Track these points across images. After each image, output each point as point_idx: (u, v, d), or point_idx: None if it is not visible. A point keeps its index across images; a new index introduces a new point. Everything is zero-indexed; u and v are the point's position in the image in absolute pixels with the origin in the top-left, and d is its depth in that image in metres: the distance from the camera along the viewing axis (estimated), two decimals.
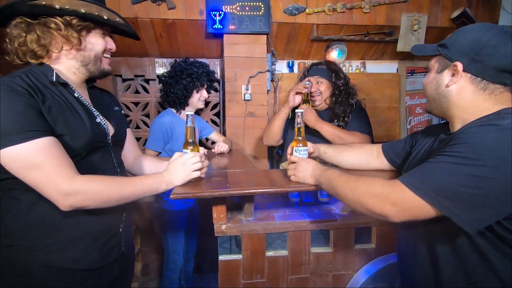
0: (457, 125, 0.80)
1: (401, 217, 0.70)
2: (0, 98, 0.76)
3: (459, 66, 0.75)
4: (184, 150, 1.05)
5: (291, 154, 1.08)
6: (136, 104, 2.65)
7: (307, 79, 1.70)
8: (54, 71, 0.89)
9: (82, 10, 0.88)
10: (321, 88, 1.68)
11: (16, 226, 0.86)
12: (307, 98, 1.64)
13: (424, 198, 0.66)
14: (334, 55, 2.48)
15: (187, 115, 1.05)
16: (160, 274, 2.61)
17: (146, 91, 2.65)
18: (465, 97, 0.77)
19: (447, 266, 0.76)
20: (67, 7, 0.86)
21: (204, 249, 2.49)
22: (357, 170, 1.17)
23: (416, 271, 0.85)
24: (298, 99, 1.64)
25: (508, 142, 0.62)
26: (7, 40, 0.87)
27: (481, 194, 0.62)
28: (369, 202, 0.73)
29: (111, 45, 1.01)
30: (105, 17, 0.93)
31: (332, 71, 1.69)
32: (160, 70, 2.56)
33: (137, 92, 2.65)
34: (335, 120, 1.65)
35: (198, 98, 1.95)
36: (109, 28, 1.00)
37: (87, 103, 0.97)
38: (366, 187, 0.75)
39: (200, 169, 1.03)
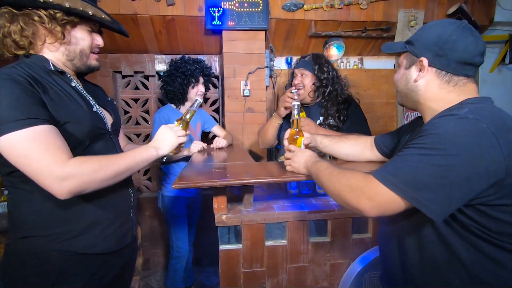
0: (427, 117, 0.83)
1: (376, 212, 0.71)
2: (0, 87, 0.76)
3: (425, 61, 0.79)
4: (174, 123, 1.10)
5: (290, 143, 1.12)
6: (136, 100, 2.67)
7: (293, 88, 1.63)
8: (50, 61, 0.90)
9: (67, 5, 0.87)
10: (305, 81, 1.66)
11: (33, 217, 0.87)
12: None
13: (395, 191, 0.68)
14: (333, 51, 2.50)
15: (196, 99, 1.18)
16: (161, 268, 2.65)
17: (146, 87, 2.67)
18: (432, 90, 0.80)
19: (411, 250, 0.80)
20: (51, 0, 0.85)
21: (203, 243, 2.53)
22: (353, 162, 1.21)
23: (388, 254, 0.90)
24: (288, 109, 1.63)
25: (466, 130, 0.66)
26: None
27: (446, 183, 0.65)
28: (347, 196, 0.75)
29: (99, 41, 1.01)
30: (90, 13, 0.92)
31: (316, 64, 1.66)
32: (160, 67, 2.58)
33: (136, 88, 2.67)
34: (330, 119, 1.64)
35: (195, 93, 1.99)
36: (97, 24, 0.99)
37: (84, 93, 0.98)
38: (345, 181, 0.77)
39: (184, 136, 1.06)
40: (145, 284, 2.46)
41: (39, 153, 0.77)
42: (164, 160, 1.31)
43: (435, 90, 0.80)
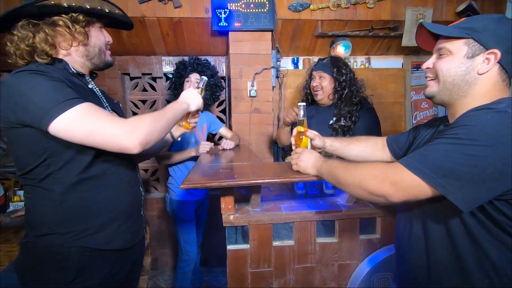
0: (459, 115, 0.80)
1: (400, 197, 0.71)
2: (35, 80, 0.80)
3: (499, 54, 0.73)
4: None
5: (296, 142, 1.12)
6: (144, 102, 2.70)
7: (303, 103, 1.65)
8: (69, 64, 0.94)
9: (87, 6, 0.91)
10: (323, 83, 1.70)
11: (51, 215, 0.89)
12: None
13: (421, 177, 0.68)
14: (340, 50, 2.49)
15: (202, 77, 1.29)
16: (169, 268, 2.68)
17: (154, 89, 2.70)
18: (487, 86, 0.76)
19: (439, 247, 0.78)
20: (73, 4, 0.89)
21: (211, 243, 2.54)
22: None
23: (411, 252, 0.87)
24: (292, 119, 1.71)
25: (503, 124, 0.64)
26: (8, 43, 0.89)
27: (476, 172, 0.63)
28: (369, 183, 0.74)
29: (109, 37, 1.05)
30: (107, 10, 0.97)
31: (334, 66, 1.70)
32: (167, 68, 2.60)
33: (144, 90, 2.70)
34: (342, 120, 1.66)
35: (188, 87, 1.96)
36: (107, 22, 1.03)
37: (100, 95, 1.03)
38: (367, 169, 0.76)
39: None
40: (154, 283, 2.48)
41: (101, 119, 0.82)
42: (179, 139, 1.35)
43: (489, 87, 0.76)
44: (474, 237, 0.72)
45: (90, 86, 1.00)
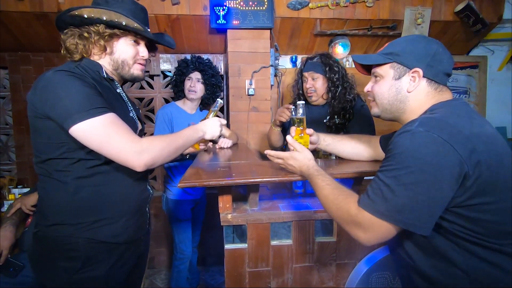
0: None
1: (373, 241, 0.74)
2: (71, 82, 0.88)
3: (421, 72, 0.81)
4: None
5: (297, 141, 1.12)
6: (141, 99, 2.68)
7: (289, 105, 1.65)
8: (103, 68, 1.02)
9: (104, 18, 0.97)
10: (317, 84, 1.65)
11: (63, 206, 0.94)
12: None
13: (383, 219, 0.71)
14: (339, 50, 2.48)
15: (217, 100, 1.35)
16: (165, 267, 2.66)
17: (151, 86, 2.68)
18: (420, 99, 0.83)
19: (417, 267, 0.81)
20: (92, 15, 0.96)
21: (208, 243, 2.53)
22: (356, 161, 1.22)
23: (398, 270, 0.93)
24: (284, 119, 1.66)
25: (420, 144, 0.69)
26: (61, 42, 1.01)
27: (423, 199, 0.68)
28: (345, 226, 0.79)
29: (144, 53, 1.09)
30: (123, 23, 1.01)
31: (326, 65, 1.64)
32: (165, 66, 2.58)
33: (141, 88, 2.68)
34: (336, 117, 1.64)
35: (187, 86, 1.97)
36: (144, 38, 1.08)
37: (126, 99, 1.11)
38: (341, 212, 0.79)
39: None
40: (150, 283, 2.47)
41: (118, 133, 0.88)
42: (187, 157, 1.37)
43: (422, 99, 0.83)
44: (439, 250, 0.75)
45: (118, 90, 1.07)
